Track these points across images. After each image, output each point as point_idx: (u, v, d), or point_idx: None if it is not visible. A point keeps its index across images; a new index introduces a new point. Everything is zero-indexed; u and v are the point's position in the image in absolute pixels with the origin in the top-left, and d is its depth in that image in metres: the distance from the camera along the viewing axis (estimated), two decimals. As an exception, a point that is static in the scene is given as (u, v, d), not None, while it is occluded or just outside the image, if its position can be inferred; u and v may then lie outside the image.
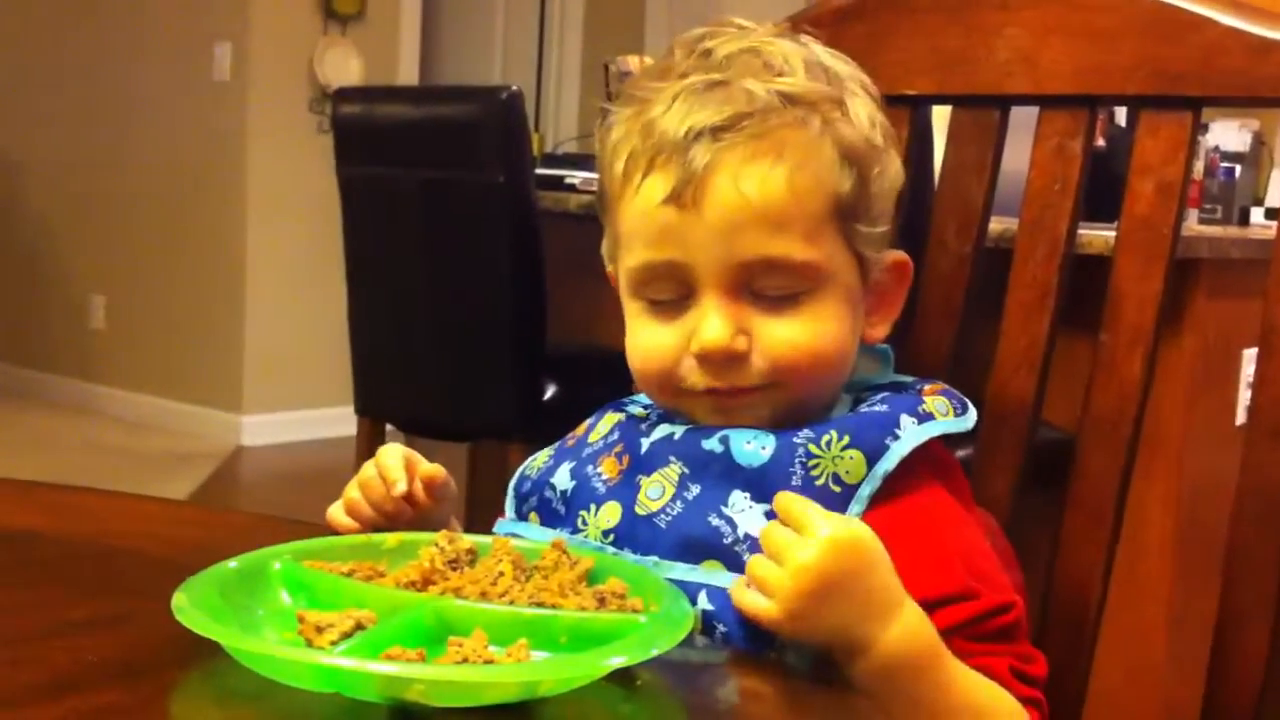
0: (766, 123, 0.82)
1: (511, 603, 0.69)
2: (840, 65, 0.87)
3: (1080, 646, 0.94)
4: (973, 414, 0.86)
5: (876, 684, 0.74)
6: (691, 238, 0.82)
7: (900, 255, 0.90)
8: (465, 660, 0.61)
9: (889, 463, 0.81)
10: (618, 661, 0.61)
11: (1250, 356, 1.92)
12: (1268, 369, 0.89)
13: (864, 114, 0.86)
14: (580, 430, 0.93)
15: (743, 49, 0.85)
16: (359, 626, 0.65)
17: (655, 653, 0.62)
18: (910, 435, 0.82)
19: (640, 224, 0.84)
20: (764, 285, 0.82)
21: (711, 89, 0.82)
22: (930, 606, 0.77)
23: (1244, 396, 2.14)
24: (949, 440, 0.85)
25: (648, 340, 0.86)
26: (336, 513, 0.88)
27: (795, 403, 0.84)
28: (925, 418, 0.83)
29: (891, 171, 0.88)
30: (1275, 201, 3.59)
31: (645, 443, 0.85)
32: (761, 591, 0.73)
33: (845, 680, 0.75)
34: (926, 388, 0.87)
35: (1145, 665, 2.10)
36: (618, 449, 0.87)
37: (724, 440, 0.82)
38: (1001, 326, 0.99)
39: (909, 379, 0.90)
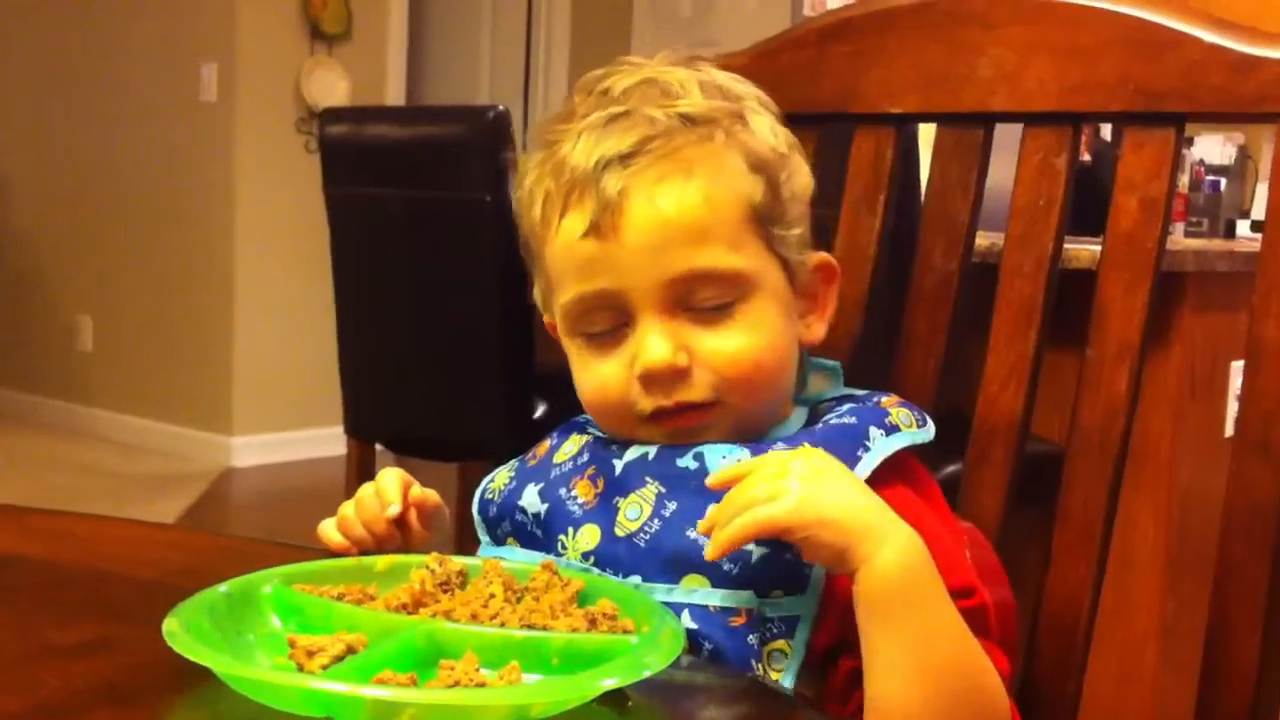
0: (671, 143, 0.84)
1: (503, 625, 0.69)
2: (736, 85, 0.90)
3: (1072, 659, 0.94)
4: (931, 427, 0.88)
5: (893, 582, 0.72)
6: (618, 263, 0.83)
7: (824, 256, 0.92)
8: (457, 683, 0.61)
9: (861, 473, 0.82)
10: (610, 683, 0.62)
11: (1239, 369, 1.93)
12: (1254, 383, 0.89)
13: (764, 125, 0.88)
14: (542, 450, 0.93)
15: (639, 81, 0.87)
16: (350, 650, 0.65)
17: (647, 674, 0.62)
18: (880, 447, 0.83)
19: (566, 261, 0.86)
20: (696, 299, 0.84)
21: (614, 120, 0.84)
22: None
23: (1233, 409, 2.15)
24: (929, 460, 0.86)
25: (594, 376, 0.87)
26: (327, 527, 0.88)
27: (744, 418, 0.85)
28: (892, 429, 0.85)
29: (800, 176, 0.90)
30: (1261, 214, 3.60)
31: (619, 464, 0.86)
32: (756, 505, 0.73)
33: (826, 695, 0.75)
34: (884, 400, 0.89)
35: (1137, 677, 2.10)
36: (590, 471, 0.87)
37: (698, 456, 0.83)
38: (989, 342, 1.00)
39: (861, 392, 0.92)
